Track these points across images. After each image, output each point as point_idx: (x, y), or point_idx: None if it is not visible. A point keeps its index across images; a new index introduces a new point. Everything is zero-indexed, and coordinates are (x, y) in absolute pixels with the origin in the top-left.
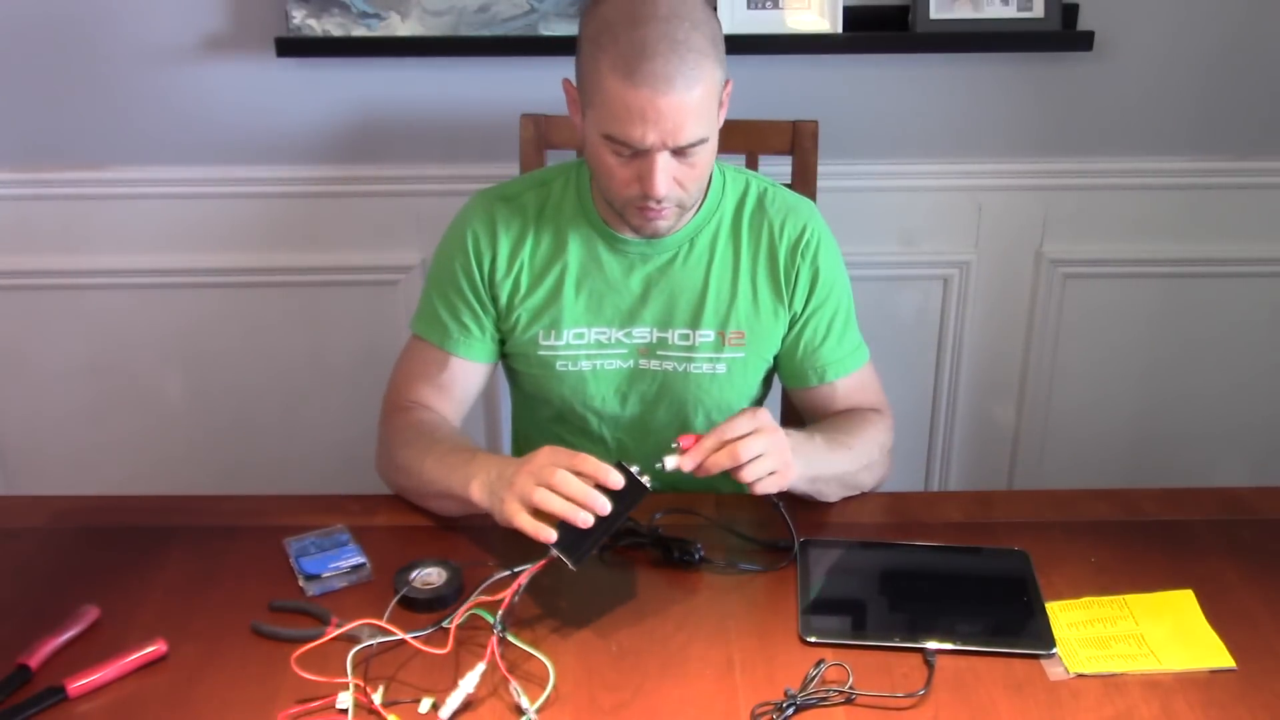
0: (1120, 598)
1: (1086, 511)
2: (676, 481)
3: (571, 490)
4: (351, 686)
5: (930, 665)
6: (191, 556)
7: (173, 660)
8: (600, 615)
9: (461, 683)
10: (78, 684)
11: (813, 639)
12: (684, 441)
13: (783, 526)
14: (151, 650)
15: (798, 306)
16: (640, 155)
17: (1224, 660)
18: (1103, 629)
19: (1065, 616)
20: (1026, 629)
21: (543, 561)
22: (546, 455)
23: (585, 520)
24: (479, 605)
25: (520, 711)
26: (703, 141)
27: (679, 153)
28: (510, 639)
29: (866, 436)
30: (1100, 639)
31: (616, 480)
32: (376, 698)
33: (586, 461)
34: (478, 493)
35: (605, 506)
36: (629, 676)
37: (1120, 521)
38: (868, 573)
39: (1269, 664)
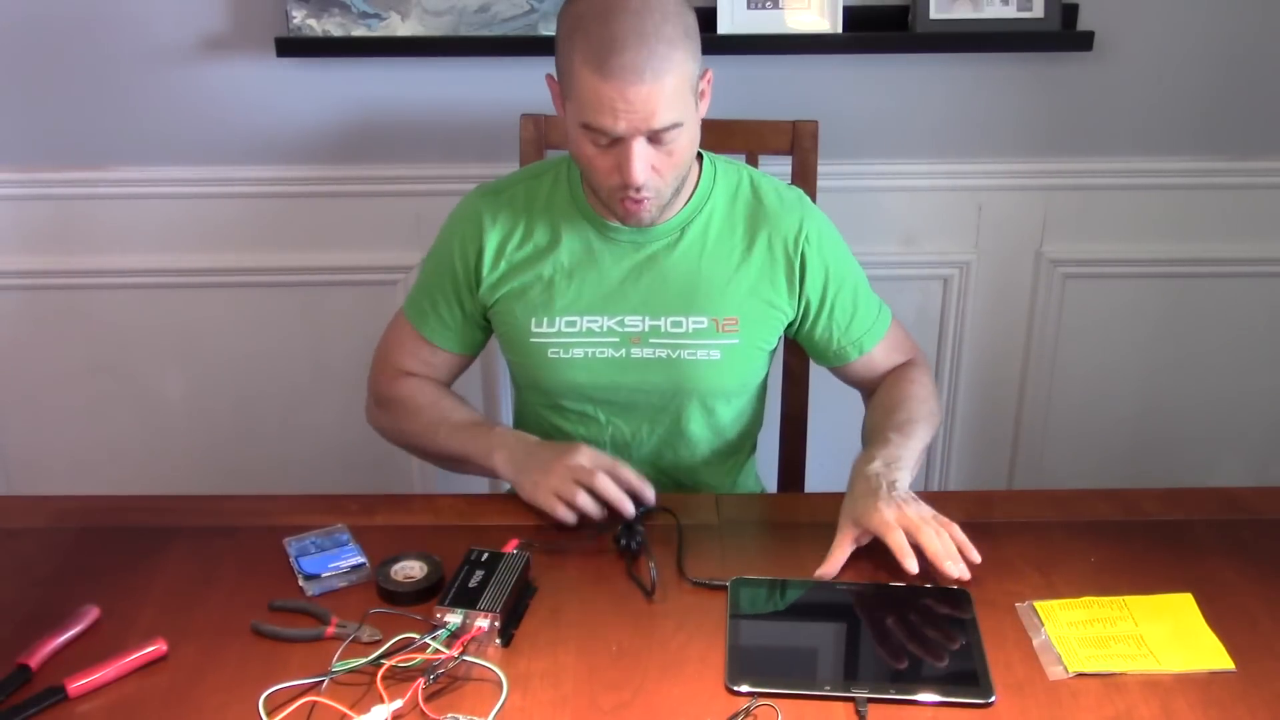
0: (1120, 599)
1: (1086, 511)
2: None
3: (610, 495)
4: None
5: (861, 716)
6: (191, 556)
7: (173, 660)
8: (600, 615)
9: (376, 708)
10: (78, 684)
11: (742, 688)
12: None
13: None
14: (151, 650)
15: (814, 298)
16: (617, 143)
17: (1223, 662)
18: (1102, 629)
19: (1065, 616)
20: (965, 676)
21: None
22: (588, 457)
23: (630, 512)
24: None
25: None
26: (677, 126)
27: (655, 140)
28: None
29: (920, 400)
30: (1100, 639)
31: (650, 497)
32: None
33: (627, 471)
34: (502, 464)
35: (632, 512)
36: (629, 676)
37: (1120, 521)
38: (799, 614)
39: (1269, 665)
